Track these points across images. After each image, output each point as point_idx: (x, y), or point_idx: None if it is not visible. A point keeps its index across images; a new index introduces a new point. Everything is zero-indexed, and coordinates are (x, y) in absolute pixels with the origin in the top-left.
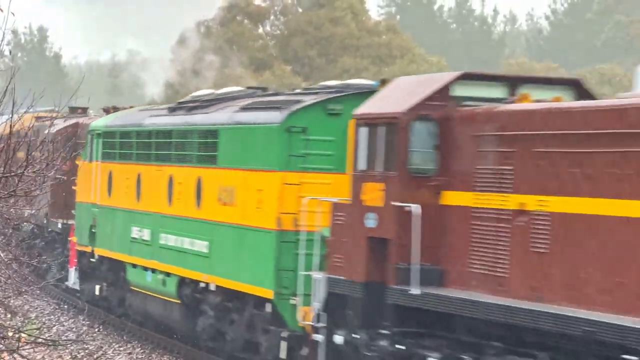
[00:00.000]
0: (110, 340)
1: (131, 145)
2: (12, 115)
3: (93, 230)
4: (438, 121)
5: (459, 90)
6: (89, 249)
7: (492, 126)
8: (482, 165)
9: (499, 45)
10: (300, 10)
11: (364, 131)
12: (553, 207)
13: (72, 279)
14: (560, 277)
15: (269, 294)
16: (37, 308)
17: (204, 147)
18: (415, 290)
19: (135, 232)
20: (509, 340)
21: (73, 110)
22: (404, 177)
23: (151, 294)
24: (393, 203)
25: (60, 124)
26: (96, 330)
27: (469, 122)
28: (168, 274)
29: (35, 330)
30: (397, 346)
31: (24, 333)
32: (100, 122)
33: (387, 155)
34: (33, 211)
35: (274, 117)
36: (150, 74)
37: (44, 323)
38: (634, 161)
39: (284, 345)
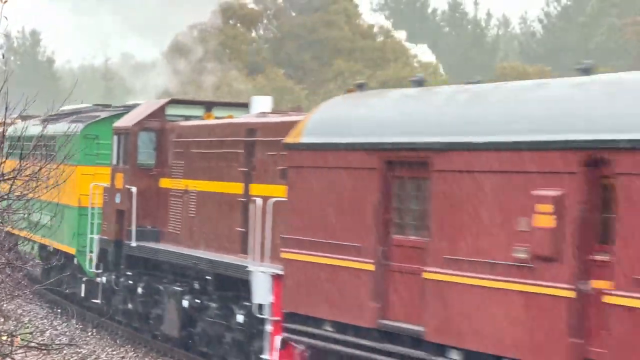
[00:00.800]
0: (104, 344)
1: (17, 147)
2: (5, 119)
3: None
4: (156, 131)
5: (171, 110)
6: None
7: (177, 135)
8: (174, 160)
9: (492, 48)
10: (293, 14)
11: (115, 138)
12: (198, 188)
13: None
14: (200, 232)
15: (73, 251)
16: (30, 312)
17: (51, 149)
18: (133, 244)
19: None
20: (182, 273)
21: (24, 117)
22: (133, 169)
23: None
24: (126, 186)
25: None
26: (89, 334)
27: (171, 132)
28: (35, 242)
29: (28, 335)
30: (129, 282)
31: (17, 337)
32: (11, 128)
33: (125, 154)
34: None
35: (78, 127)
36: (144, 78)
37: (37, 327)
38: (228, 158)
39: (83, 287)
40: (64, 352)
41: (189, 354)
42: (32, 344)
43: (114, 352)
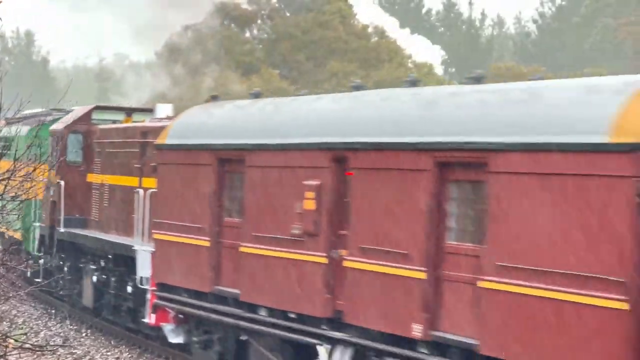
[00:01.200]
0: (98, 345)
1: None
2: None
3: None
4: (83, 133)
5: (96, 115)
6: None
7: (97, 137)
8: (96, 158)
9: (487, 48)
10: (287, 14)
11: (51, 139)
12: (110, 181)
13: None
14: (112, 219)
15: (20, 236)
16: (24, 313)
17: (12, 148)
18: (61, 230)
19: None
20: (96, 254)
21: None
22: (64, 165)
23: None
24: (57, 181)
25: None
26: (83, 335)
27: (94, 134)
28: None
29: (22, 336)
30: (60, 262)
31: (11, 338)
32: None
33: (56, 151)
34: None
35: (27, 130)
36: (139, 79)
37: (32, 328)
38: (129, 156)
39: (28, 269)
40: (58, 353)
41: (182, 355)
42: (27, 345)
43: (109, 353)
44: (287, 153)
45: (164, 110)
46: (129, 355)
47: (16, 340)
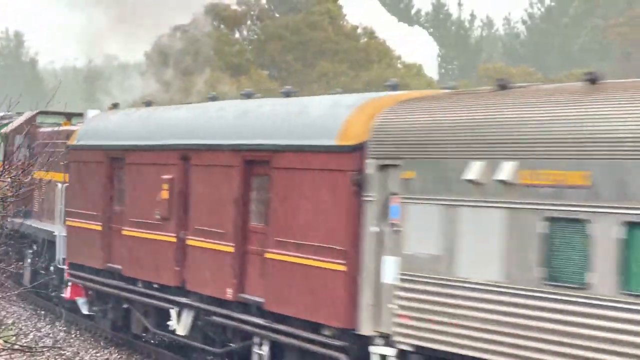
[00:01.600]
0: (87, 346)
1: None
2: None
3: None
4: (28, 135)
5: (40, 119)
6: None
7: (42, 137)
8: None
9: (476, 49)
10: (277, 15)
11: (1, 140)
12: (53, 178)
13: None
14: (45, 209)
15: None
16: (13, 314)
17: None
18: (12, 220)
19: None
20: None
21: None
22: (10, 163)
23: None
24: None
25: None
26: (73, 336)
27: (39, 135)
28: None
29: (12, 337)
30: (8, 249)
31: (1, 339)
32: None
33: (6, 151)
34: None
35: None
36: (128, 81)
37: (21, 329)
38: (57, 155)
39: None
40: (48, 354)
41: (175, 355)
42: (16, 347)
43: (98, 354)
44: (152, 152)
45: (93, 114)
46: (118, 356)
47: (5, 341)
